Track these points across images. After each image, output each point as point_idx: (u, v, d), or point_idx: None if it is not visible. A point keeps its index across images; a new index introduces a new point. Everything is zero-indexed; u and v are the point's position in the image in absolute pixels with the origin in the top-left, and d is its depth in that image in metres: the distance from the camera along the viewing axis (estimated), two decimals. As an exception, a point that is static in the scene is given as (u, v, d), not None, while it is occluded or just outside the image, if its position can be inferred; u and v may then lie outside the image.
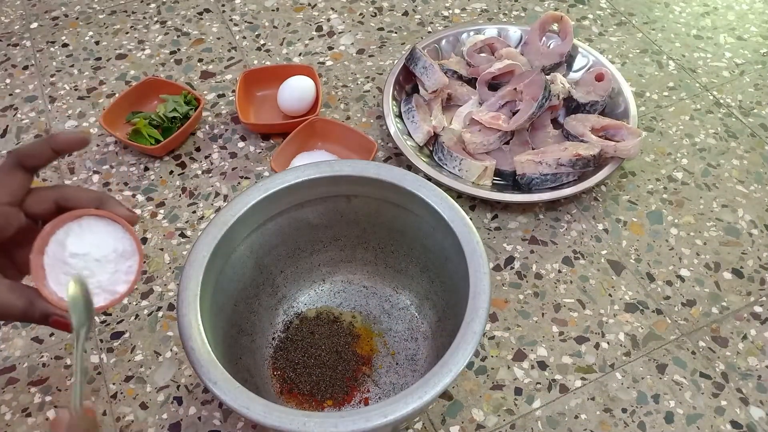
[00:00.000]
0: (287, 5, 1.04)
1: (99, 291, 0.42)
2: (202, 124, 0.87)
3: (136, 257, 0.43)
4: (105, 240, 0.42)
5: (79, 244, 0.41)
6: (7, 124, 0.88)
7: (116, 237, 0.42)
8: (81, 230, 0.42)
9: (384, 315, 0.67)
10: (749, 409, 0.63)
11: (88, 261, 0.41)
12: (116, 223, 0.42)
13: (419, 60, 0.84)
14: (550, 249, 0.75)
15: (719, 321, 0.69)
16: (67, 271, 0.41)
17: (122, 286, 0.42)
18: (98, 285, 0.42)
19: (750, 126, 0.87)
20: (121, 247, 0.42)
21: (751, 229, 0.77)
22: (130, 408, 0.63)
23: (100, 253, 0.41)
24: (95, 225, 0.42)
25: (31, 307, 0.40)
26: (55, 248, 0.41)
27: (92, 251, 0.41)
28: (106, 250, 0.42)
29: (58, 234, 0.41)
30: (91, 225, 0.42)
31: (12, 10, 1.04)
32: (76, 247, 0.41)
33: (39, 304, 0.41)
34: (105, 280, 0.42)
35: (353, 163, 0.61)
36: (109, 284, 0.42)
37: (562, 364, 0.66)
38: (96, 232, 0.42)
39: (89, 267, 0.41)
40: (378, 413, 0.46)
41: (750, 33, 1.00)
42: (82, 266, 0.41)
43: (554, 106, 0.83)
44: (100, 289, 0.42)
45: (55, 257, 0.41)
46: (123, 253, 0.42)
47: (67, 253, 0.41)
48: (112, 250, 0.42)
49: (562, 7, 1.04)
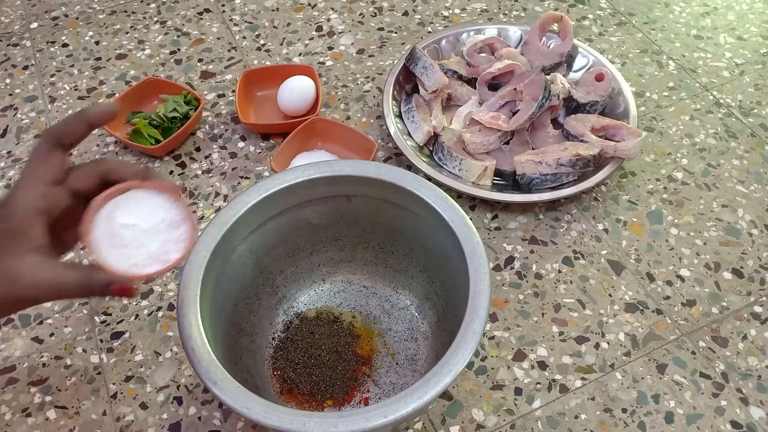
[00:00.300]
0: (287, 5, 1.04)
1: (150, 261, 0.42)
2: (202, 124, 0.87)
3: (186, 225, 0.43)
4: (153, 211, 0.42)
5: (128, 216, 0.42)
6: (7, 124, 0.88)
7: (163, 207, 0.43)
8: (128, 203, 0.42)
9: (384, 315, 0.67)
10: (749, 409, 0.63)
11: (138, 232, 0.42)
12: (162, 193, 0.43)
13: (419, 60, 0.84)
14: (550, 249, 0.75)
15: (719, 321, 0.69)
16: (117, 243, 0.41)
17: (174, 254, 0.43)
18: (149, 255, 0.42)
19: (750, 126, 0.87)
20: (169, 216, 0.43)
21: (751, 229, 0.77)
22: (130, 408, 0.63)
23: (149, 224, 0.42)
24: (142, 197, 0.42)
25: (89, 280, 0.41)
26: (105, 222, 0.41)
27: (141, 222, 0.42)
28: (155, 221, 0.42)
29: (106, 208, 0.42)
30: (137, 197, 0.42)
31: (12, 10, 1.04)
32: (125, 219, 0.41)
33: (97, 276, 0.41)
34: (156, 250, 0.42)
35: (353, 163, 0.61)
36: (161, 253, 0.42)
37: (562, 364, 0.66)
38: (143, 204, 0.42)
39: (139, 238, 0.42)
40: (378, 413, 0.46)
41: (750, 33, 1.00)
42: (132, 237, 0.41)
43: (554, 106, 0.83)
44: (152, 258, 0.42)
45: (105, 231, 0.41)
46: (172, 223, 0.43)
47: (116, 225, 0.41)
48: (160, 221, 0.42)
49: (562, 7, 1.04)
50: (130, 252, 0.42)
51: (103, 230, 0.41)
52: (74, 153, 0.84)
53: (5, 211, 0.41)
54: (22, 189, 0.41)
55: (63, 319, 0.69)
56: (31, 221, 0.41)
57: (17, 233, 0.40)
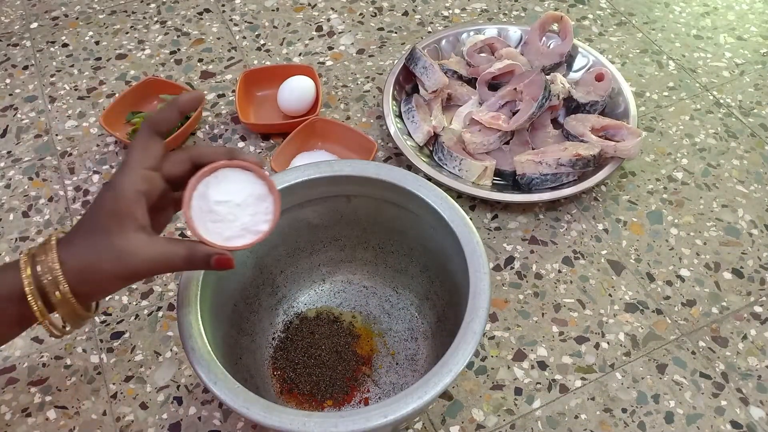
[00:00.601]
0: (287, 5, 1.04)
1: (244, 232, 0.46)
2: (202, 124, 0.87)
3: (271, 197, 0.46)
4: (242, 186, 0.46)
5: (220, 193, 0.45)
6: (7, 124, 0.88)
7: (251, 182, 0.46)
8: (218, 181, 0.45)
9: (384, 315, 0.67)
10: (749, 409, 0.63)
11: (231, 207, 0.45)
12: (248, 170, 0.46)
13: (419, 60, 0.84)
14: (550, 249, 0.75)
15: (719, 321, 0.69)
16: (213, 218, 0.45)
17: (264, 225, 0.46)
18: (243, 227, 0.46)
19: (750, 126, 0.87)
20: (257, 191, 0.46)
21: (751, 229, 0.77)
22: (130, 408, 0.63)
23: (240, 198, 0.45)
24: (230, 175, 0.46)
25: (193, 253, 0.44)
26: (199, 200, 0.45)
27: (233, 198, 0.45)
28: (244, 195, 0.45)
29: (199, 188, 0.45)
30: (226, 175, 0.46)
31: (12, 10, 1.04)
32: (218, 196, 0.45)
33: (200, 248, 0.45)
34: (248, 222, 0.46)
35: (353, 163, 0.61)
36: (252, 225, 0.46)
37: (562, 364, 0.66)
38: (233, 181, 0.46)
39: (233, 212, 0.45)
40: (378, 413, 0.46)
41: (750, 33, 1.00)
42: (226, 212, 0.45)
43: (554, 106, 0.83)
44: (245, 230, 0.46)
45: (200, 209, 0.45)
46: (259, 197, 0.46)
47: (211, 202, 0.45)
48: (249, 194, 0.46)
49: (562, 7, 1.04)
50: (225, 226, 0.45)
51: (199, 208, 0.45)
52: (74, 153, 0.84)
53: (112, 193, 0.43)
54: (126, 173, 0.44)
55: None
56: (135, 203, 0.43)
57: (124, 214, 0.43)
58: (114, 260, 0.43)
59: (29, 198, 0.80)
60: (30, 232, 0.77)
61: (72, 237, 0.44)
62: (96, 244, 0.43)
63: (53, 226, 0.77)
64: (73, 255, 0.43)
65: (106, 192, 0.44)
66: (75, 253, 0.43)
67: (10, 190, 0.81)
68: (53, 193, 0.80)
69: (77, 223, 0.45)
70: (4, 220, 0.78)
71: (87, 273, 0.43)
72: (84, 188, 0.81)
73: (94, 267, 0.43)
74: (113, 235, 0.43)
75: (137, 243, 0.43)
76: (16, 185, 0.81)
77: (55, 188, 0.81)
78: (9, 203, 0.79)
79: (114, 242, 0.43)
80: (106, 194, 0.44)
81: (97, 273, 0.43)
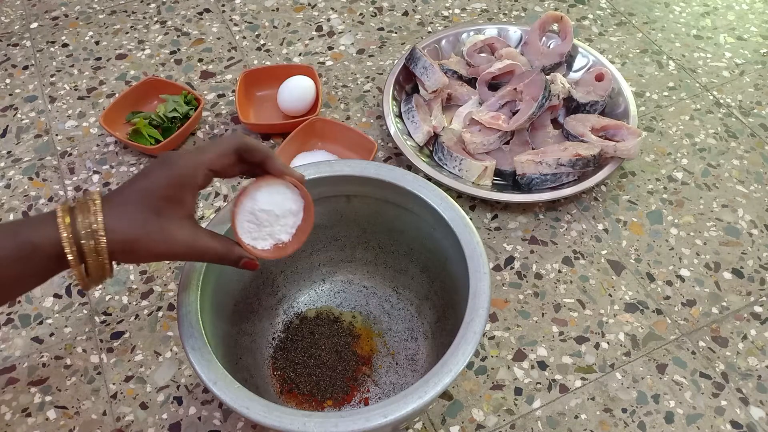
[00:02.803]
0: (287, 5, 1.04)
1: (268, 237, 0.51)
2: (202, 124, 0.87)
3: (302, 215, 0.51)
4: (284, 199, 0.50)
5: (267, 202, 0.50)
6: (7, 124, 0.88)
7: (292, 198, 0.51)
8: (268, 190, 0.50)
9: (384, 315, 0.67)
10: (749, 409, 0.63)
11: (271, 216, 0.50)
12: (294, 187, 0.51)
13: (419, 60, 0.84)
14: (550, 249, 0.75)
15: (719, 321, 0.69)
16: (251, 219, 0.50)
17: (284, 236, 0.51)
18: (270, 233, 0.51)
19: (750, 126, 0.87)
20: (294, 206, 0.51)
21: (751, 229, 0.77)
22: (130, 408, 0.63)
23: (280, 211, 0.50)
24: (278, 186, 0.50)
25: (229, 251, 0.49)
26: (248, 203, 0.50)
27: (275, 208, 0.50)
28: (284, 209, 0.50)
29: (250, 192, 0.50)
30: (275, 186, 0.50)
31: (12, 10, 1.04)
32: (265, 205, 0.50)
33: (235, 250, 0.49)
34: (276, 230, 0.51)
35: (353, 163, 0.61)
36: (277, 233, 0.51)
37: (562, 364, 0.66)
38: (279, 192, 0.50)
39: (269, 220, 0.50)
40: (378, 413, 0.46)
41: (750, 33, 1.00)
42: (265, 218, 0.50)
43: (554, 106, 0.83)
44: (270, 236, 0.51)
45: (245, 209, 0.50)
46: (293, 212, 0.51)
47: (257, 208, 0.50)
48: (288, 209, 0.51)
49: (562, 7, 1.04)
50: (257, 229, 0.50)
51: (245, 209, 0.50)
52: (74, 153, 0.84)
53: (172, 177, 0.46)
54: (194, 166, 0.46)
55: (63, 319, 0.70)
56: (190, 194, 0.47)
57: (178, 200, 0.46)
58: (160, 241, 0.45)
59: (29, 198, 0.80)
60: (30, 232, 0.76)
61: (120, 206, 0.45)
62: (146, 222, 0.45)
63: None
64: (120, 226, 0.44)
65: (163, 171, 0.46)
66: (123, 225, 0.44)
67: (10, 190, 0.81)
68: (53, 193, 0.80)
69: (126, 191, 0.46)
70: (4, 220, 0.78)
71: (130, 244, 0.45)
72: (84, 188, 0.81)
73: (139, 243, 0.45)
74: (164, 219, 0.45)
75: (184, 230, 0.46)
76: (16, 185, 0.81)
77: (55, 188, 0.81)
78: (9, 203, 0.79)
79: (164, 225, 0.45)
80: (163, 174, 0.46)
81: (141, 248, 0.45)
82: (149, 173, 0.46)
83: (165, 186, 0.45)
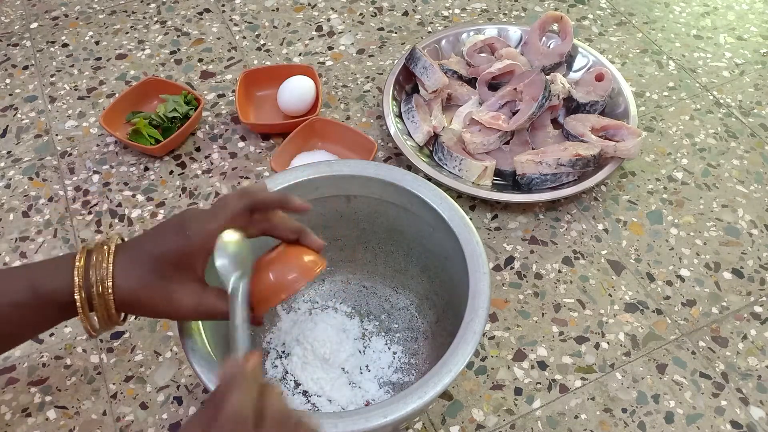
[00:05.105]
0: (287, 5, 1.04)
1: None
2: (202, 124, 0.87)
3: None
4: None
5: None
6: (7, 124, 0.88)
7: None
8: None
9: (384, 315, 0.67)
10: (749, 409, 0.63)
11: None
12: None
13: (419, 60, 0.84)
14: (550, 249, 0.75)
15: (719, 321, 0.69)
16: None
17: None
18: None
19: (750, 126, 0.87)
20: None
21: (751, 229, 0.77)
22: (130, 408, 0.63)
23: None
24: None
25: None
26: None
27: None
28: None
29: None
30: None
31: (12, 10, 1.04)
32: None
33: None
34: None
35: (353, 163, 0.61)
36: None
37: (562, 364, 0.66)
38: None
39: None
40: (378, 413, 0.46)
41: (750, 33, 1.00)
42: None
43: (554, 106, 0.83)
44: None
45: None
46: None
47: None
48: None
49: (562, 7, 1.04)
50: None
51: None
52: (74, 153, 0.84)
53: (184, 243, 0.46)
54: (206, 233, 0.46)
55: (63, 319, 0.69)
56: (201, 260, 0.47)
57: (188, 266, 0.46)
58: (165, 304, 0.46)
59: (29, 198, 0.80)
60: (30, 232, 0.77)
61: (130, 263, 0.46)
62: (153, 286, 0.46)
63: (53, 226, 0.77)
64: (127, 283, 0.45)
65: (176, 238, 0.46)
66: (130, 282, 0.45)
67: (10, 190, 0.81)
68: (53, 193, 0.80)
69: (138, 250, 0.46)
70: (4, 220, 0.78)
71: (134, 302, 0.46)
72: (84, 188, 0.81)
73: (142, 302, 0.46)
74: (173, 283, 0.46)
75: (189, 295, 0.46)
76: (16, 185, 0.81)
77: (55, 188, 0.81)
78: (9, 203, 0.79)
79: (171, 288, 0.46)
80: (174, 242, 0.46)
81: (145, 306, 0.46)
82: (162, 237, 0.47)
83: (175, 254, 0.46)
